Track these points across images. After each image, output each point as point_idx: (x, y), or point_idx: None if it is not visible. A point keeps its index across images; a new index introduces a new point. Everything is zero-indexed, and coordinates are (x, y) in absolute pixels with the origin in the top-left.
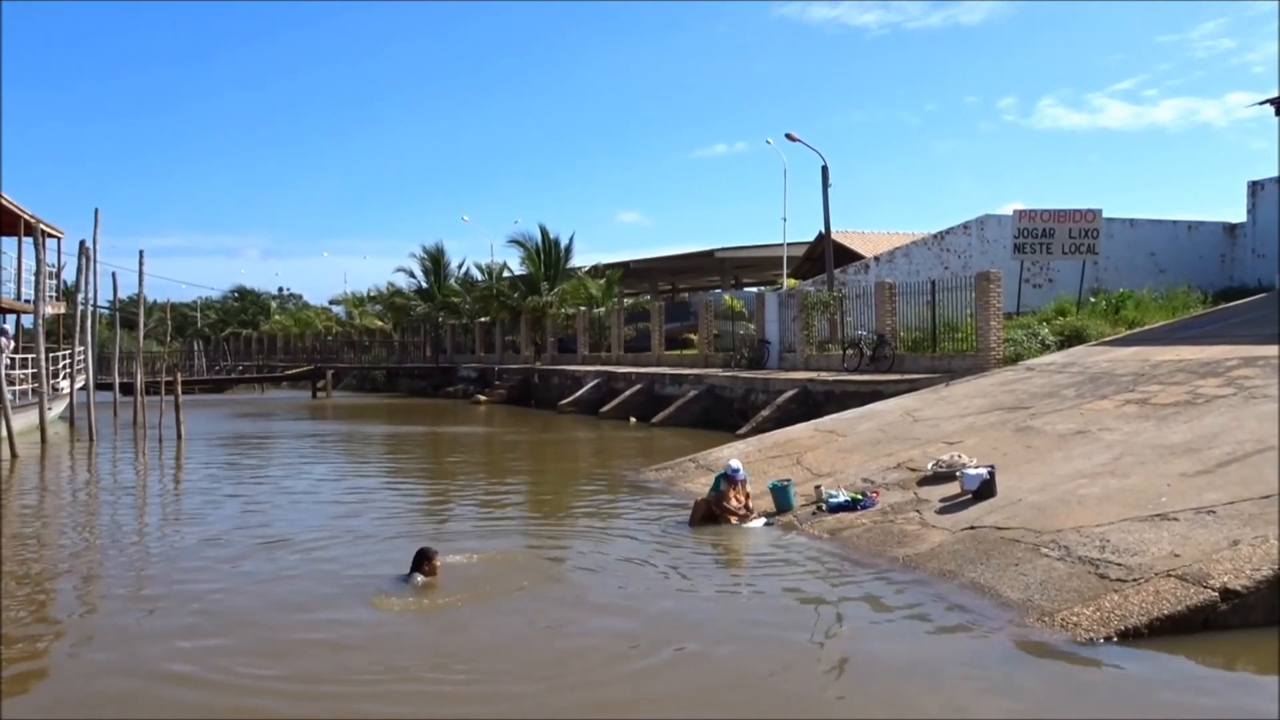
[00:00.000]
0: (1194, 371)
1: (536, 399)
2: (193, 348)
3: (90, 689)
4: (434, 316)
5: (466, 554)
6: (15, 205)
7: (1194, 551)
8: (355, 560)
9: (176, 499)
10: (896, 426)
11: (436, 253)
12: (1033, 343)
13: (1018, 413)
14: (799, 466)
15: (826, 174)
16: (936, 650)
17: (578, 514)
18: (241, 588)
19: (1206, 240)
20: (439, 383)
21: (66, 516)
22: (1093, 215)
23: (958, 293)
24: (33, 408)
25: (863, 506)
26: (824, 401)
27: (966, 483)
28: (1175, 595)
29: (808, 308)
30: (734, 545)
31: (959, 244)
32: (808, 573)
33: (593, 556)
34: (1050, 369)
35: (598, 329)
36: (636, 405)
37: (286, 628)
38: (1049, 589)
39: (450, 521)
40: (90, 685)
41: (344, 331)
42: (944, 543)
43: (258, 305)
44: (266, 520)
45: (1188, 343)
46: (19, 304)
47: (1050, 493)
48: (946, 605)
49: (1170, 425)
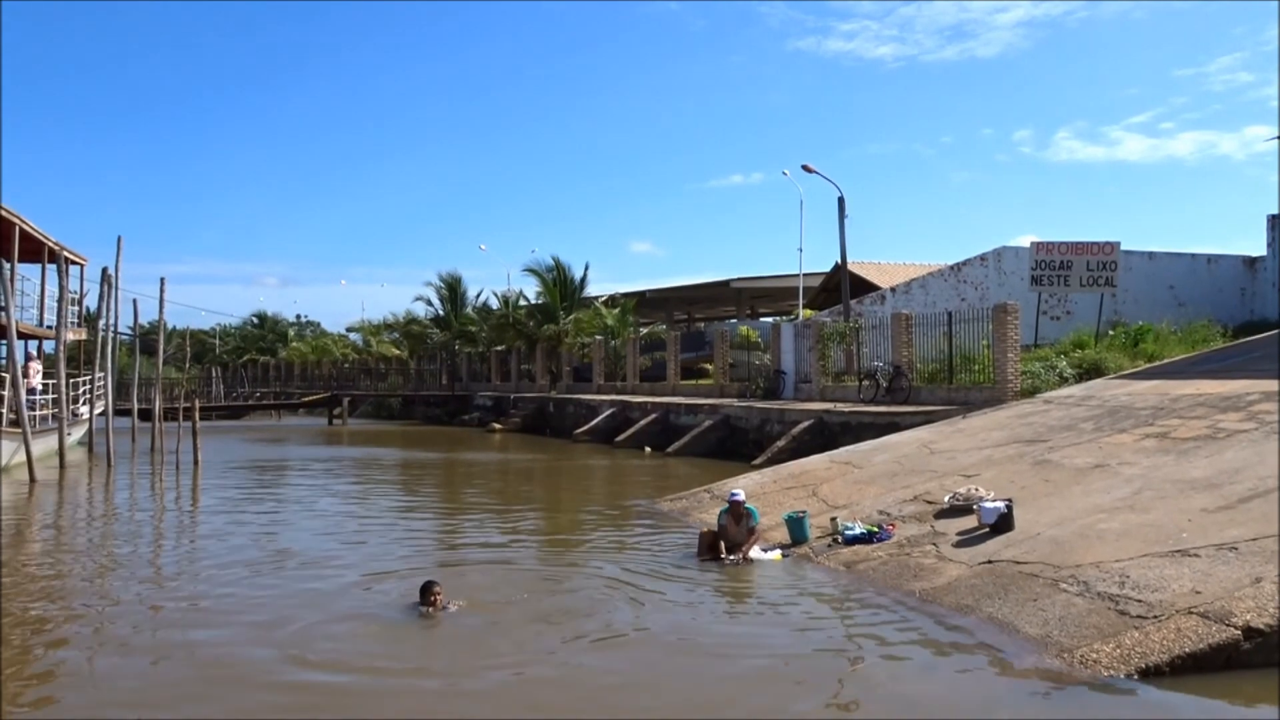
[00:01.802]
0: (1214, 406)
1: (551, 428)
2: (211, 374)
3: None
4: (450, 345)
5: (464, 598)
6: (40, 232)
7: (1216, 589)
8: (364, 588)
9: (192, 525)
10: (913, 459)
11: (453, 281)
12: (1050, 375)
13: (1035, 446)
14: (814, 498)
15: (843, 205)
16: (954, 686)
17: (589, 544)
18: (243, 618)
19: (1226, 273)
20: (454, 410)
21: (81, 542)
22: (1111, 248)
23: (975, 324)
24: (52, 433)
25: (879, 539)
26: (840, 433)
27: (984, 516)
28: (1197, 633)
29: (824, 338)
30: (747, 578)
31: (976, 275)
32: (822, 605)
33: (602, 588)
34: (1068, 402)
35: (613, 358)
36: (651, 435)
37: (289, 651)
38: (1068, 625)
39: (461, 549)
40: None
41: (361, 359)
42: (961, 577)
43: (276, 332)
44: (276, 546)
45: (1208, 376)
46: (41, 330)
47: (1069, 527)
48: (964, 640)
49: (1190, 460)
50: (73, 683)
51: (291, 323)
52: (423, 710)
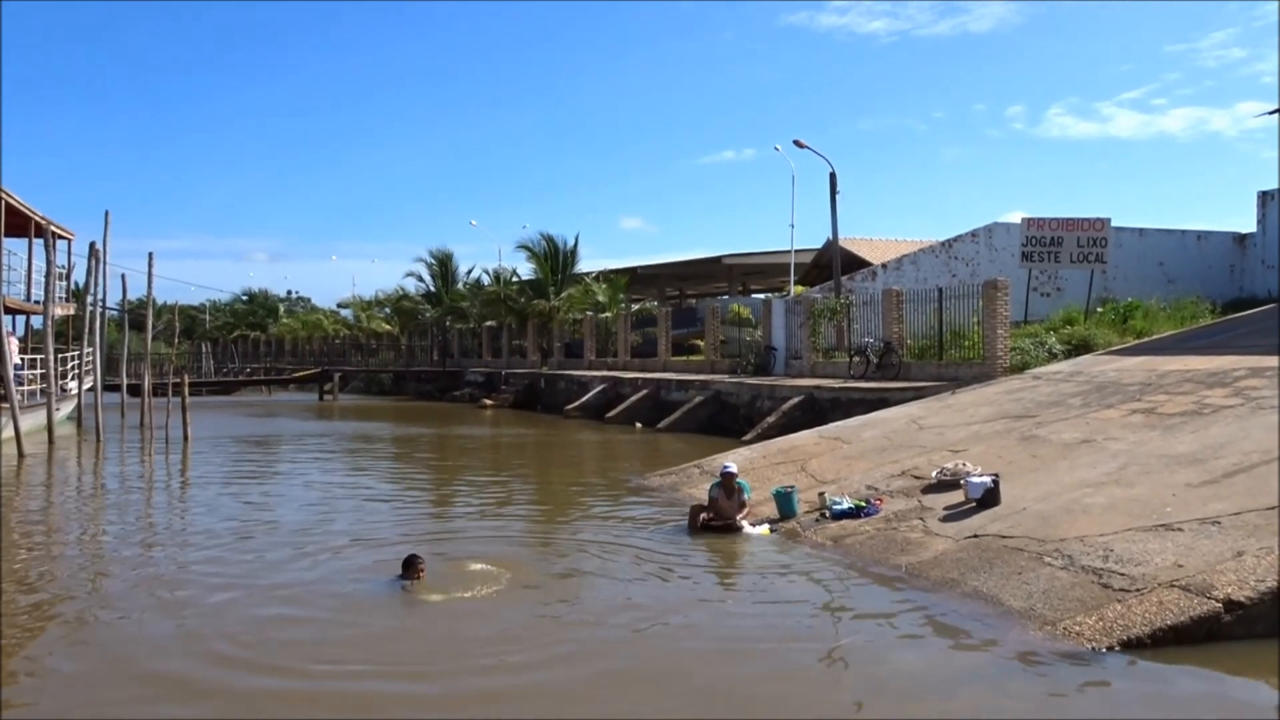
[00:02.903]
0: (1201, 382)
1: (543, 403)
2: (200, 350)
3: (83, 693)
4: (441, 320)
5: (456, 560)
6: (26, 206)
7: (1198, 562)
8: (352, 563)
9: (180, 499)
10: (902, 434)
11: (444, 257)
12: (1040, 351)
13: (1023, 421)
14: (803, 473)
15: (835, 181)
16: (938, 658)
17: (579, 518)
18: (233, 589)
19: (1216, 250)
20: (445, 386)
21: (72, 517)
22: (1101, 224)
23: (965, 301)
24: (41, 408)
25: (866, 514)
26: (830, 409)
27: (970, 491)
28: (1179, 606)
29: (815, 315)
30: (736, 551)
31: (967, 252)
32: (810, 580)
33: (590, 560)
34: (1057, 378)
35: (604, 334)
36: (642, 410)
37: (273, 628)
38: (1052, 598)
39: (452, 523)
40: (83, 688)
41: (351, 335)
42: (947, 551)
43: (266, 308)
44: (264, 521)
45: (1196, 353)
46: (28, 305)
47: (1054, 502)
48: (949, 613)
49: (1176, 435)
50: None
51: (282, 299)
52: (411, 700)
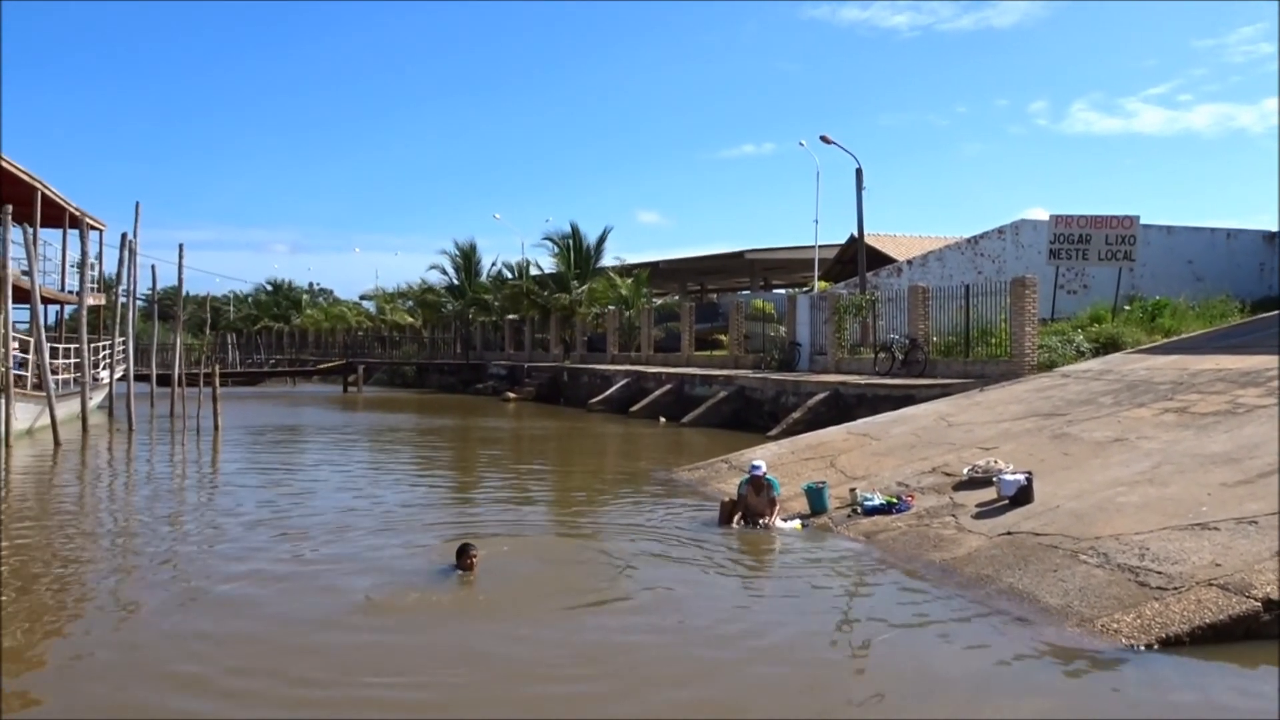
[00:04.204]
0: (1234, 381)
1: (566, 397)
2: (226, 340)
3: (104, 690)
4: (465, 313)
5: (499, 546)
6: (62, 198)
7: (1236, 561)
8: (391, 552)
9: (213, 488)
10: (930, 431)
11: (468, 250)
12: (1068, 349)
13: (1054, 419)
14: (832, 469)
15: (861, 177)
16: (973, 654)
17: (609, 511)
18: (273, 580)
19: (1245, 248)
20: (469, 379)
21: (114, 506)
22: (1130, 222)
23: (992, 298)
24: (74, 397)
25: (898, 510)
26: (855, 405)
27: (1003, 488)
28: (1217, 604)
29: (840, 310)
30: (766, 546)
31: (993, 248)
32: (841, 574)
33: (623, 554)
34: (1087, 376)
35: (627, 329)
36: (666, 405)
37: (320, 622)
38: (1088, 595)
39: (482, 515)
40: (105, 682)
41: (375, 327)
42: (981, 548)
43: (290, 299)
44: (300, 511)
45: (1227, 352)
46: (63, 295)
47: (1088, 500)
48: (984, 610)
49: (1210, 434)
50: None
51: (305, 290)
52: (451, 683)
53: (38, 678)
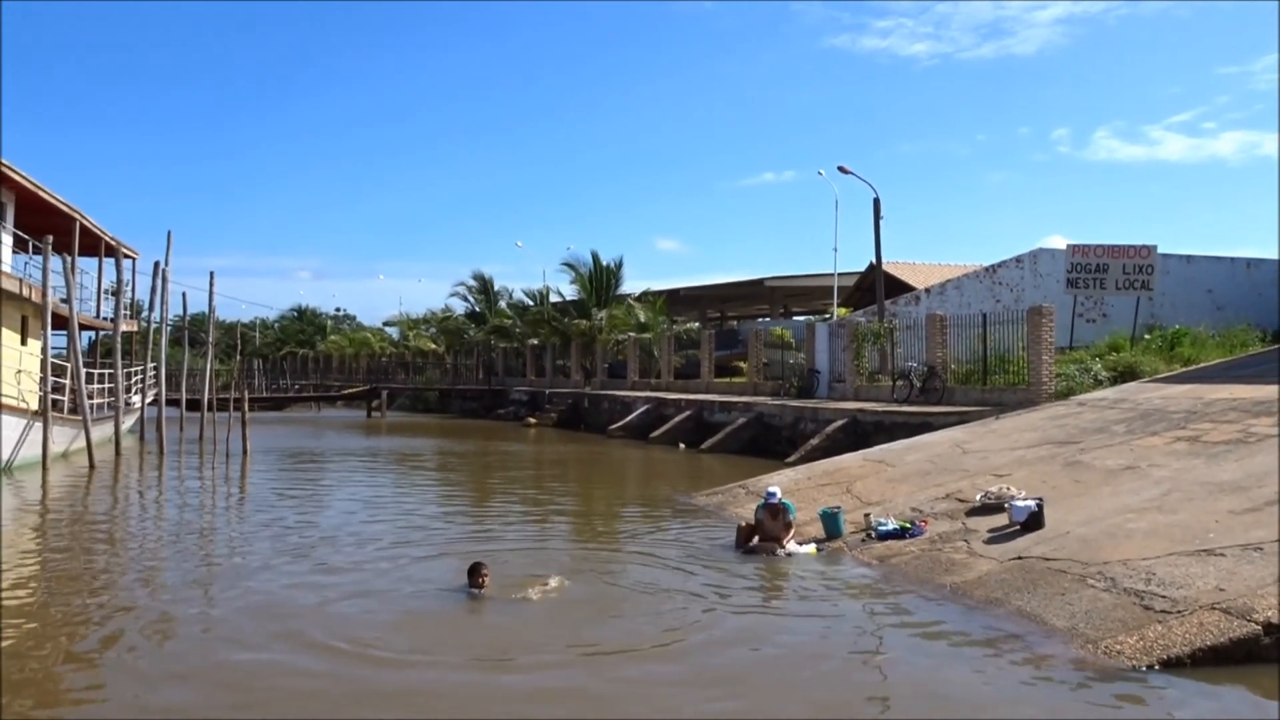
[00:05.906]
0: (1247, 410)
1: (586, 423)
2: (252, 366)
3: (146, 695)
4: (486, 340)
5: (532, 584)
6: (98, 227)
7: (1239, 586)
8: (411, 572)
9: (242, 510)
10: (945, 458)
11: (486, 280)
12: (1085, 378)
13: (1067, 447)
14: (848, 495)
15: (879, 206)
16: (980, 673)
17: (627, 535)
18: (297, 597)
19: (1266, 278)
20: (490, 405)
21: (143, 527)
22: (1147, 251)
23: (1009, 326)
24: (107, 421)
25: (911, 535)
26: (873, 432)
27: (1015, 514)
28: (1219, 627)
29: (858, 338)
30: (781, 569)
31: (1011, 277)
32: (856, 597)
33: (641, 576)
34: (1101, 404)
35: (647, 355)
36: (685, 431)
37: (343, 634)
38: (1094, 618)
39: (502, 537)
40: (145, 689)
41: (398, 353)
42: (991, 572)
43: (314, 325)
44: (324, 531)
45: (1242, 381)
46: (98, 321)
47: (1098, 526)
48: (993, 632)
49: (1220, 463)
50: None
51: (330, 316)
52: (469, 704)
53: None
